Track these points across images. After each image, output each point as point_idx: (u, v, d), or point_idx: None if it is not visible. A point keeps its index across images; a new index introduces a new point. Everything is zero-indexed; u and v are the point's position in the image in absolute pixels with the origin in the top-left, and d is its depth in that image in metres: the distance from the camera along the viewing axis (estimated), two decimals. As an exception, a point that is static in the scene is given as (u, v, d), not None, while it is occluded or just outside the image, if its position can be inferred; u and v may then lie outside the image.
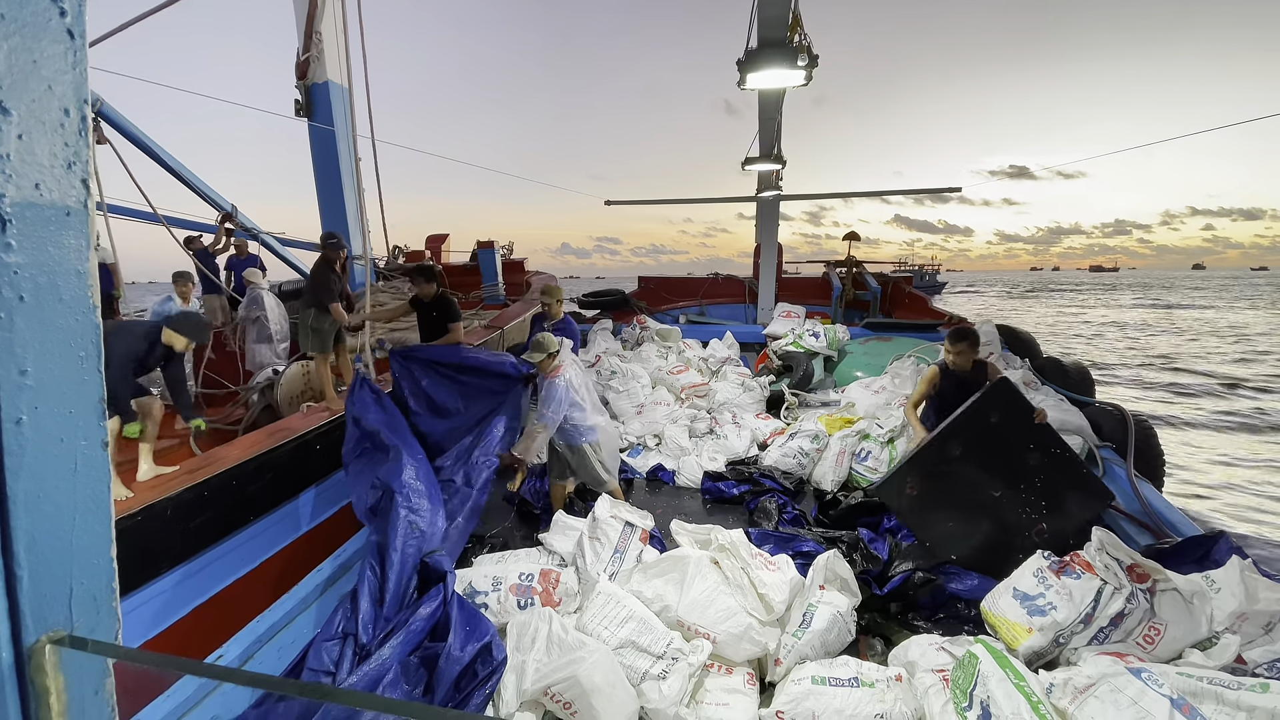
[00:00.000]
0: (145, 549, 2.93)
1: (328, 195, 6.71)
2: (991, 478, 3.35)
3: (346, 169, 6.68)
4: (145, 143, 5.23)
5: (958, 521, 3.31)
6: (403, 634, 2.48)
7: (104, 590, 0.86)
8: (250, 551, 3.55)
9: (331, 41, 6.44)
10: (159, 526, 2.96)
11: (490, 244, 9.72)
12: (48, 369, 0.77)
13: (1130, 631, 2.47)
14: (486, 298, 9.33)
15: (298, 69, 6.43)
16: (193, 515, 3.13)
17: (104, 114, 4.78)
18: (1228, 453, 9.32)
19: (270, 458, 3.67)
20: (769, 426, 5.93)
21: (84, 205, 0.80)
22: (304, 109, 6.54)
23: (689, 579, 2.81)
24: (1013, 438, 3.37)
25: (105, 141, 4.83)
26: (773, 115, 8.25)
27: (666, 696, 2.40)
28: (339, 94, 6.58)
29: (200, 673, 0.81)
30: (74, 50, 0.77)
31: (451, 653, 2.40)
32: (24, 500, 0.75)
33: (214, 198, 6.12)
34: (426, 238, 11.41)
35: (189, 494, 3.13)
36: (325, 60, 6.40)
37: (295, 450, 3.85)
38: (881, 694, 2.30)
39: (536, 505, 4.31)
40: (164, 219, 5.76)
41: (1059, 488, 3.36)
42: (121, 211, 5.88)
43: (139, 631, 2.89)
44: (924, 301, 11.43)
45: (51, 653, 0.77)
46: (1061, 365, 5.80)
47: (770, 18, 4.93)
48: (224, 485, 3.31)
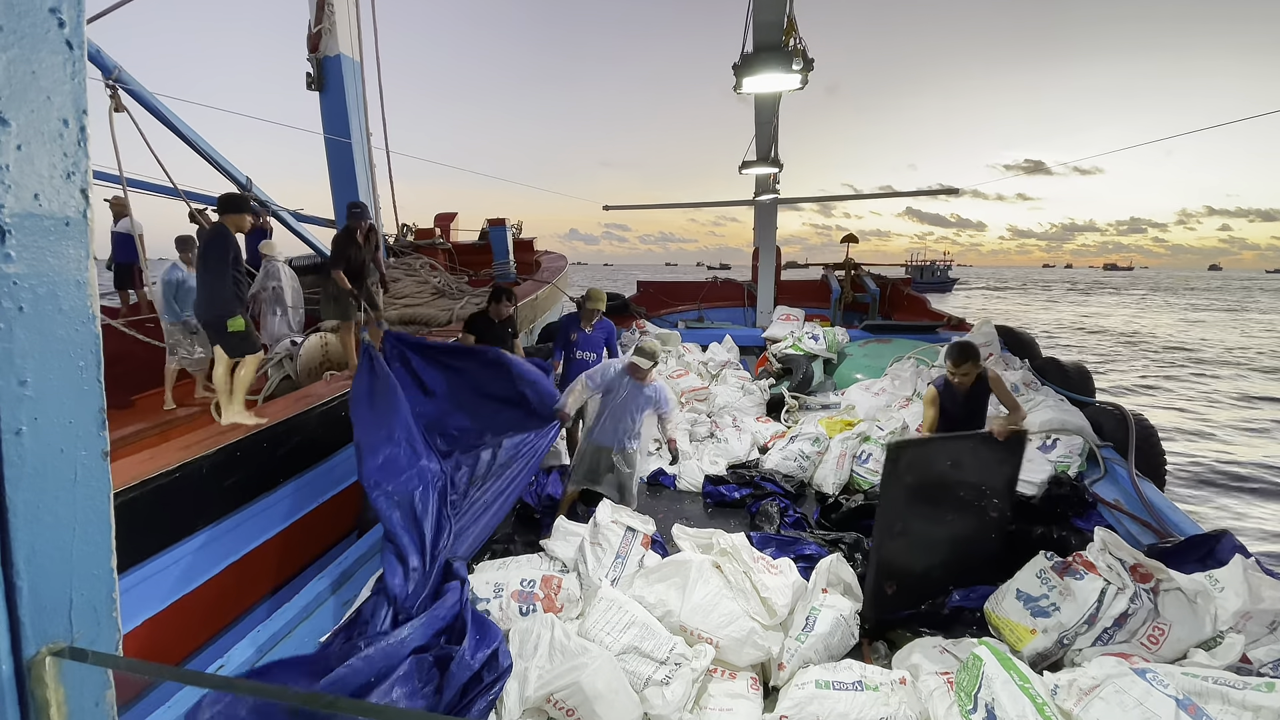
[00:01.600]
0: (181, 507, 2.97)
1: (339, 170, 6.66)
2: (940, 512, 3.19)
3: (358, 144, 6.65)
4: (163, 113, 5.17)
5: (942, 557, 3.20)
6: (426, 618, 2.52)
7: (104, 601, 0.85)
8: (278, 514, 3.60)
9: (344, 14, 6.39)
10: (195, 485, 2.99)
11: (501, 222, 9.74)
12: (47, 379, 0.76)
13: (1134, 632, 2.46)
14: (497, 276, 9.32)
15: (309, 41, 6.35)
16: (225, 476, 3.15)
17: (122, 80, 4.71)
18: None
19: (300, 421, 3.75)
20: (769, 430, 5.92)
21: (83, 215, 0.80)
22: (315, 82, 6.47)
23: (691, 584, 2.80)
24: (935, 477, 3.16)
25: (123, 110, 4.77)
26: (769, 119, 8.28)
27: (670, 702, 2.39)
28: (351, 68, 6.54)
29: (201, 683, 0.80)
30: (73, 61, 0.77)
31: (464, 658, 2.41)
32: (24, 511, 0.75)
33: (230, 170, 6.14)
34: (435, 216, 11.55)
35: (222, 454, 3.16)
36: (338, 33, 6.32)
37: (322, 416, 3.92)
38: (886, 698, 2.29)
39: (537, 510, 4.30)
40: (184, 193, 5.74)
41: (991, 474, 3.29)
42: (140, 185, 5.85)
43: (170, 590, 2.91)
44: (923, 303, 11.44)
45: (52, 664, 0.76)
46: (1061, 365, 5.80)
47: (765, 22, 4.95)
48: (255, 447, 3.36)
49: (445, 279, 8.28)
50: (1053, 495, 3.85)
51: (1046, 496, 3.89)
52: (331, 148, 6.64)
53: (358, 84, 6.62)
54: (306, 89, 6.52)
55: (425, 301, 7.46)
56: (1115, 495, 3.89)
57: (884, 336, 8.52)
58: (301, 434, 3.79)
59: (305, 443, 3.80)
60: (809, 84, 5.40)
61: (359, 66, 6.65)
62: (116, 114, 4.69)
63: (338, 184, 6.69)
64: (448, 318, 6.80)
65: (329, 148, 6.65)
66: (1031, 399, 5.07)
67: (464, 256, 10.17)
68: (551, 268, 9.78)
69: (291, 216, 7.07)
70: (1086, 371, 5.74)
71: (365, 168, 6.73)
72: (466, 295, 7.75)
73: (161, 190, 5.89)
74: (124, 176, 5.26)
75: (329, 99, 6.52)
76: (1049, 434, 4.48)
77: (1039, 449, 4.40)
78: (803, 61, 4.90)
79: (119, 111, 4.72)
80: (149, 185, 5.93)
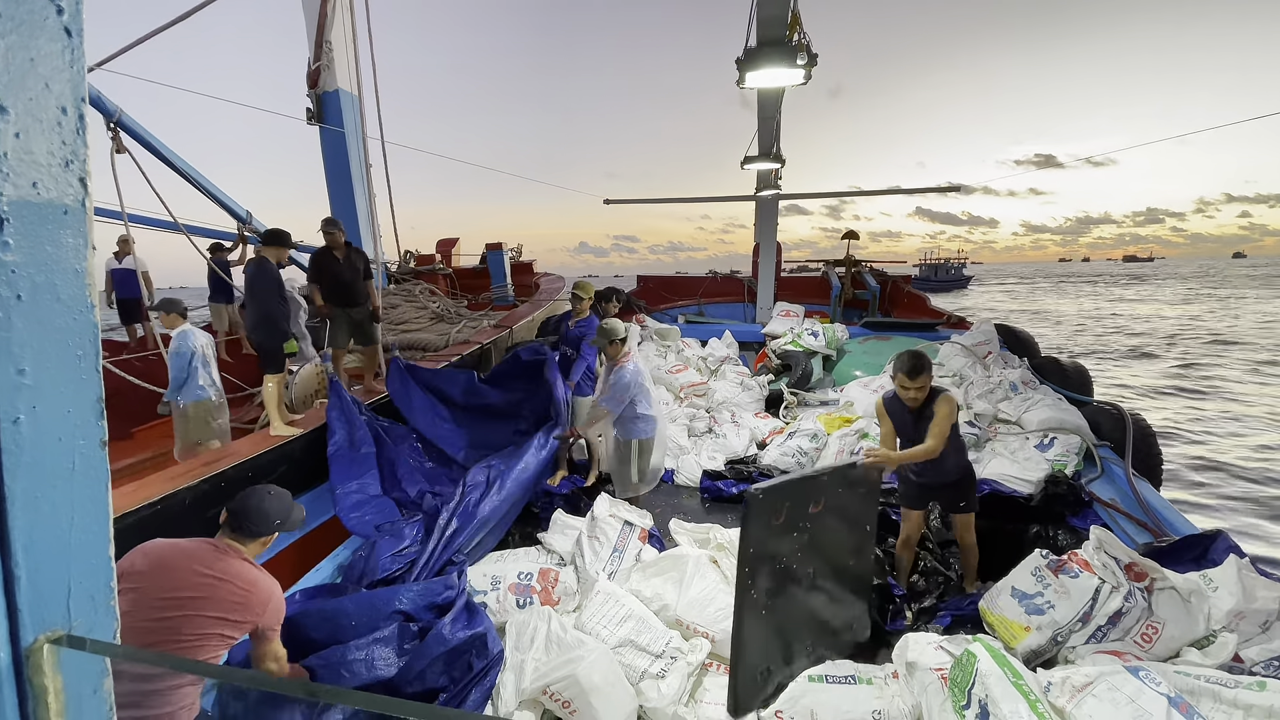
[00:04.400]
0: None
1: (339, 201, 6.91)
2: (805, 569, 2.56)
3: (357, 175, 6.91)
4: (163, 152, 5.39)
5: (811, 626, 2.62)
6: (422, 587, 2.71)
7: (102, 589, 0.85)
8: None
9: (341, 52, 6.64)
10: (178, 515, 3.02)
11: (499, 246, 9.90)
12: (46, 368, 0.76)
13: (1128, 630, 2.48)
14: (495, 299, 9.48)
15: (309, 78, 6.62)
16: (209, 507, 3.18)
17: (123, 124, 4.90)
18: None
19: (285, 450, 3.81)
20: (768, 425, 5.93)
21: (81, 204, 0.80)
22: (315, 116, 6.73)
23: (688, 578, 2.81)
24: (799, 525, 2.51)
25: (125, 151, 4.94)
26: (772, 114, 8.24)
27: (665, 695, 2.40)
28: (349, 101, 6.81)
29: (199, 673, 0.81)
30: (71, 48, 0.77)
31: (441, 631, 2.48)
32: (22, 499, 0.75)
33: (230, 205, 6.29)
34: (437, 242, 11.63)
35: (206, 485, 3.22)
36: (335, 69, 6.59)
37: (309, 444, 3.97)
38: (880, 690, 2.30)
39: (535, 504, 4.31)
40: (184, 227, 5.92)
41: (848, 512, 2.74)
42: (142, 220, 6.08)
43: None
44: (923, 300, 11.44)
45: (50, 652, 0.77)
46: (1060, 364, 5.81)
47: (769, 16, 4.92)
48: (239, 477, 3.41)
49: (444, 304, 8.38)
50: (1049, 494, 3.86)
51: (1043, 495, 3.90)
52: (332, 179, 6.91)
53: (356, 117, 6.89)
54: (307, 123, 6.79)
55: (423, 326, 7.58)
56: (1111, 494, 3.90)
57: (884, 333, 8.52)
58: (288, 462, 3.85)
59: (290, 472, 3.86)
60: (814, 84, 5.39)
61: (357, 100, 6.90)
62: (119, 155, 4.90)
63: (338, 213, 6.91)
64: (444, 342, 6.85)
65: (329, 179, 6.92)
66: (1030, 397, 5.08)
67: (464, 281, 10.35)
68: (550, 289, 9.88)
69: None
70: (1085, 371, 5.76)
71: (365, 196, 6.96)
72: (464, 319, 7.84)
73: (163, 225, 6.10)
74: (126, 213, 5.45)
75: (328, 132, 6.78)
76: (1047, 432, 4.49)
77: (1036, 447, 4.41)
78: (807, 56, 4.88)
79: (120, 153, 4.93)
80: (151, 220, 6.14)
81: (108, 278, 7.56)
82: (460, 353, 6.05)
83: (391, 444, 4.19)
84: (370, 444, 4.08)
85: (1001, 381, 5.43)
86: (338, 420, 3.99)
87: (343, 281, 4.89)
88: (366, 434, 4.09)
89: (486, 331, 7.05)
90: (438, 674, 2.39)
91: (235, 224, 6.57)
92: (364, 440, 4.05)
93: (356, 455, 3.96)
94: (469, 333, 7.12)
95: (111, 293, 7.58)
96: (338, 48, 6.54)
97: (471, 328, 7.38)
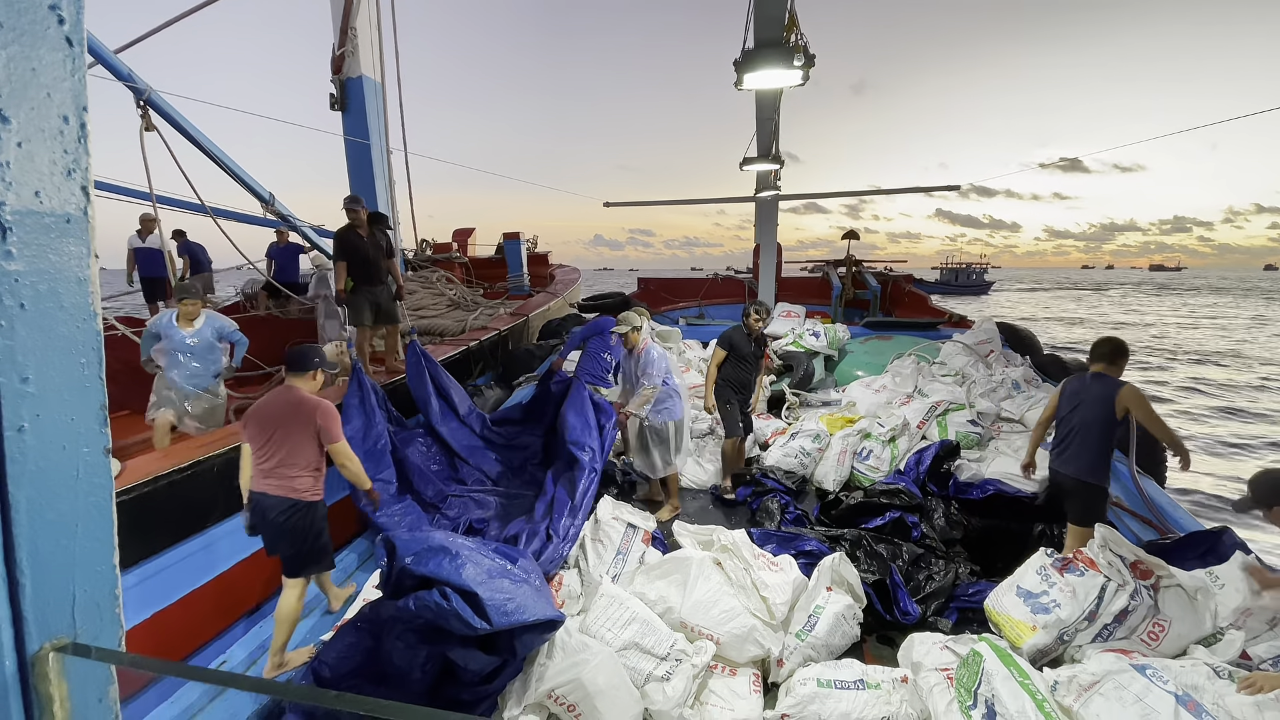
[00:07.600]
0: (189, 505, 3.02)
1: (360, 188, 6.90)
2: None
3: (378, 162, 6.91)
4: (191, 132, 5.39)
5: None
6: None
7: (107, 597, 0.85)
8: None
9: (366, 38, 6.67)
10: (203, 484, 3.04)
11: (516, 235, 10.00)
12: (49, 376, 0.77)
13: (1134, 628, 2.47)
14: (511, 288, 9.53)
15: (333, 64, 6.64)
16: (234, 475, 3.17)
17: (152, 102, 4.91)
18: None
19: None
20: (770, 426, 5.91)
21: (84, 212, 0.80)
22: (338, 103, 6.75)
23: (692, 580, 2.80)
24: None
25: (153, 129, 4.94)
26: (770, 115, 8.25)
27: (670, 698, 2.39)
28: (372, 88, 6.83)
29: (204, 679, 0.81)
30: (72, 58, 0.77)
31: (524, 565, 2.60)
32: (27, 507, 0.75)
33: (254, 186, 6.34)
34: (453, 231, 11.82)
35: (234, 454, 3.18)
36: (360, 56, 6.61)
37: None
38: (887, 696, 2.29)
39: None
40: (211, 210, 5.91)
41: None
42: (168, 202, 6.03)
43: (186, 581, 2.96)
44: (924, 300, 11.43)
45: (55, 660, 0.77)
46: (1063, 363, 5.80)
47: (767, 17, 4.93)
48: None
49: (461, 291, 8.46)
50: (1053, 492, 3.84)
51: (1047, 494, 3.88)
52: (353, 164, 6.90)
53: (378, 103, 6.91)
54: (330, 109, 6.81)
55: (441, 313, 7.68)
56: (1116, 492, 3.89)
57: (885, 333, 8.51)
58: None
59: None
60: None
61: (379, 87, 6.93)
62: (147, 133, 4.91)
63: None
64: (461, 328, 6.92)
65: (350, 164, 6.91)
66: (1033, 396, 5.06)
67: (480, 270, 10.41)
68: (564, 280, 9.92)
69: (313, 231, 7.29)
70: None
71: (385, 183, 6.99)
72: (480, 307, 7.93)
73: (188, 206, 6.09)
74: (154, 193, 5.44)
75: (351, 118, 6.79)
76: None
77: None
78: (804, 57, 4.88)
79: (150, 131, 4.94)
80: (175, 201, 6.12)
81: (130, 255, 7.20)
82: (478, 338, 6.13)
83: (400, 446, 4.17)
84: (386, 438, 4.04)
85: (1004, 380, 5.42)
86: (356, 409, 3.94)
87: (367, 259, 4.85)
88: (384, 429, 4.05)
89: (503, 319, 7.15)
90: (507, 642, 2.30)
91: (259, 205, 6.60)
92: (380, 435, 4.01)
93: (374, 450, 3.93)
94: (485, 319, 7.18)
95: (134, 271, 7.24)
96: (361, 34, 6.56)
97: (488, 315, 7.46)
